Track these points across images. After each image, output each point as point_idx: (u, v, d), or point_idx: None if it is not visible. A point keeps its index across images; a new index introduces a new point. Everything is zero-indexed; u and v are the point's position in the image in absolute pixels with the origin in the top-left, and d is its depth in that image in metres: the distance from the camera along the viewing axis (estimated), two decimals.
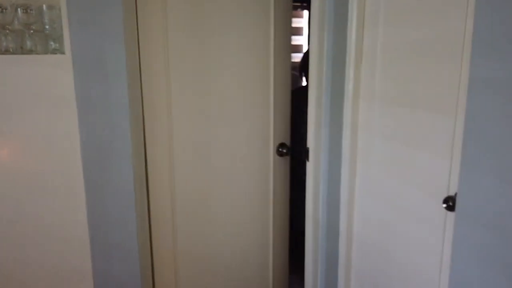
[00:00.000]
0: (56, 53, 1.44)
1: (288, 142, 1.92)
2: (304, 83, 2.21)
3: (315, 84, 1.80)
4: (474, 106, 0.97)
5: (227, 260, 1.99)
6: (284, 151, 1.89)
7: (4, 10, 1.38)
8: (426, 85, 1.32)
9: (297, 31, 4.25)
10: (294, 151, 2.03)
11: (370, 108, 1.63)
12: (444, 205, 1.19)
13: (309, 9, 4.16)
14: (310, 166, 1.90)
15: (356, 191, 1.77)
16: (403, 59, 1.43)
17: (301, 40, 4.29)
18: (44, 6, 1.40)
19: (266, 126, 1.86)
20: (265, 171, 1.87)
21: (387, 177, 1.56)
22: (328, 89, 1.76)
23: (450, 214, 1.22)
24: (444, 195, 1.22)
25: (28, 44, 1.43)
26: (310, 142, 1.87)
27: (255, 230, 1.96)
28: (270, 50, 1.85)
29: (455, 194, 1.18)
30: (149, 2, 1.57)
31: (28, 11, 1.40)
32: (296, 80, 4.31)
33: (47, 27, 1.41)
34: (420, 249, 1.40)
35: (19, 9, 1.39)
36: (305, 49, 4.25)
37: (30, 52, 1.44)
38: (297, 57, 4.26)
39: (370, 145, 1.65)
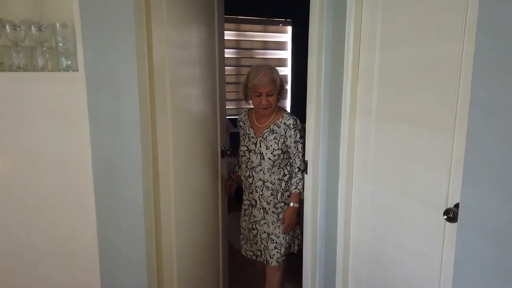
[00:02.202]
0: (69, 70, 1.45)
1: (225, 147, 2.39)
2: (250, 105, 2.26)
3: (313, 101, 1.90)
4: (475, 125, 1.07)
5: (207, 257, 2.24)
6: (227, 153, 2.40)
7: (17, 28, 1.39)
8: (424, 104, 1.43)
9: (282, 46, 4.37)
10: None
11: (366, 124, 1.74)
12: (445, 217, 1.30)
13: (292, 25, 4.29)
14: (308, 178, 1.99)
15: (352, 202, 1.87)
16: (401, 79, 1.54)
17: (285, 54, 4.41)
18: (58, 24, 1.41)
19: (215, 135, 2.29)
20: (216, 165, 2.31)
21: (385, 189, 1.66)
22: (326, 106, 1.86)
23: (449, 225, 1.32)
24: (444, 207, 1.33)
25: (40, 61, 1.45)
26: (309, 156, 1.96)
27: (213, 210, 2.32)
28: (217, 83, 2.26)
29: (455, 206, 1.29)
30: (158, 16, 1.62)
31: (42, 28, 1.41)
32: None
33: (60, 44, 1.42)
34: (419, 258, 1.50)
35: (32, 26, 1.40)
36: (289, 64, 4.37)
37: (43, 69, 1.45)
38: (280, 71, 4.38)
39: (367, 159, 1.76)
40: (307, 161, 1.99)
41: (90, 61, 1.42)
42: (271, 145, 2.08)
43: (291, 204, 2.11)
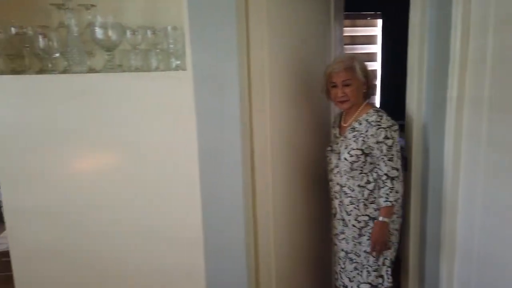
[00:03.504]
0: (178, 70, 1.58)
1: None
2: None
3: (415, 94, 1.81)
4: None
5: (315, 256, 2.15)
6: None
7: (135, 33, 1.55)
8: None
9: (371, 40, 4.23)
10: None
11: (477, 116, 1.60)
12: None
13: (382, 18, 4.13)
14: (409, 175, 1.89)
15: (459, 201, 1.74)
16: None
17: (374, 49, 4.27)
18: (169, 27, 1.55)
19: (327, 134, 2.20)
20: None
21: (500, 186, 1.51)
22: (429, 97, 1.76)
23: None
24: None
25: (154, 62, 1.59)
26: (413, 151, 1.87)
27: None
28: None
29: None
30: (258, 19, 1.68)
31: (156, 32, 1.56)
32: None
33: (171, 46, 1.56)
34: None
35: (148, 30, 1.55)
36: (379, 58, 4.21)
37: (156, 69, 1.59)
38: (369, 66, 4.24)
39: (477, 153, 1.62)
40: (406, 157, 1.90)
41: (197, 60, 1.53)
42: (350, 144, 1.77)
43: (380, 218, 1.75)
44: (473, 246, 1.68)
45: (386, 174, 1.73)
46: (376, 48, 4.27)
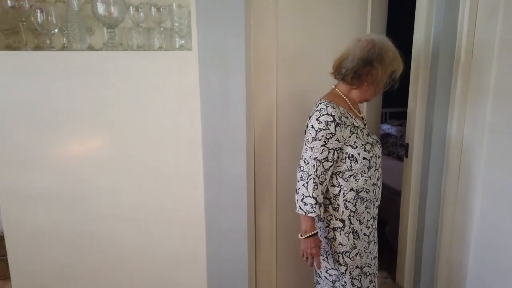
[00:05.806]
0: (183, 49, 1.53)
1: None
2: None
3: (419, 81, 1.80)
4: None
5: None
6: None
7: (138, 9, 1.48)
8: None
9: None
10: None
11: (481, 103, 1.61)
12: None
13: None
14: (408, 163, 1.90)
15: (458, 186, 1.76)
16: None
17: None
18: (174, 5, 1.48)
19: None
20: None
21: (501, 172, 1.53)
22: (433, 85, 1.75)
23: None
24: None
25: (157, 41, 1.53)
26: (411, 138, 1.87)
27: None
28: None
29: None
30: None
31: (161, 9, 1.49)
32: None
33: (176, 24, 1.50)
34: None
35: (152, 8, 1.49)
36: None
37: (160, 48, 1.53)
38: None
39: (480, 139, 1.63)
40: (407, 144, 1.90)
41: (203, 40, 1.47)
42: (372, 134, 1.54)
43: None
44: (470, 231, 1.70)
45: None
46: None
